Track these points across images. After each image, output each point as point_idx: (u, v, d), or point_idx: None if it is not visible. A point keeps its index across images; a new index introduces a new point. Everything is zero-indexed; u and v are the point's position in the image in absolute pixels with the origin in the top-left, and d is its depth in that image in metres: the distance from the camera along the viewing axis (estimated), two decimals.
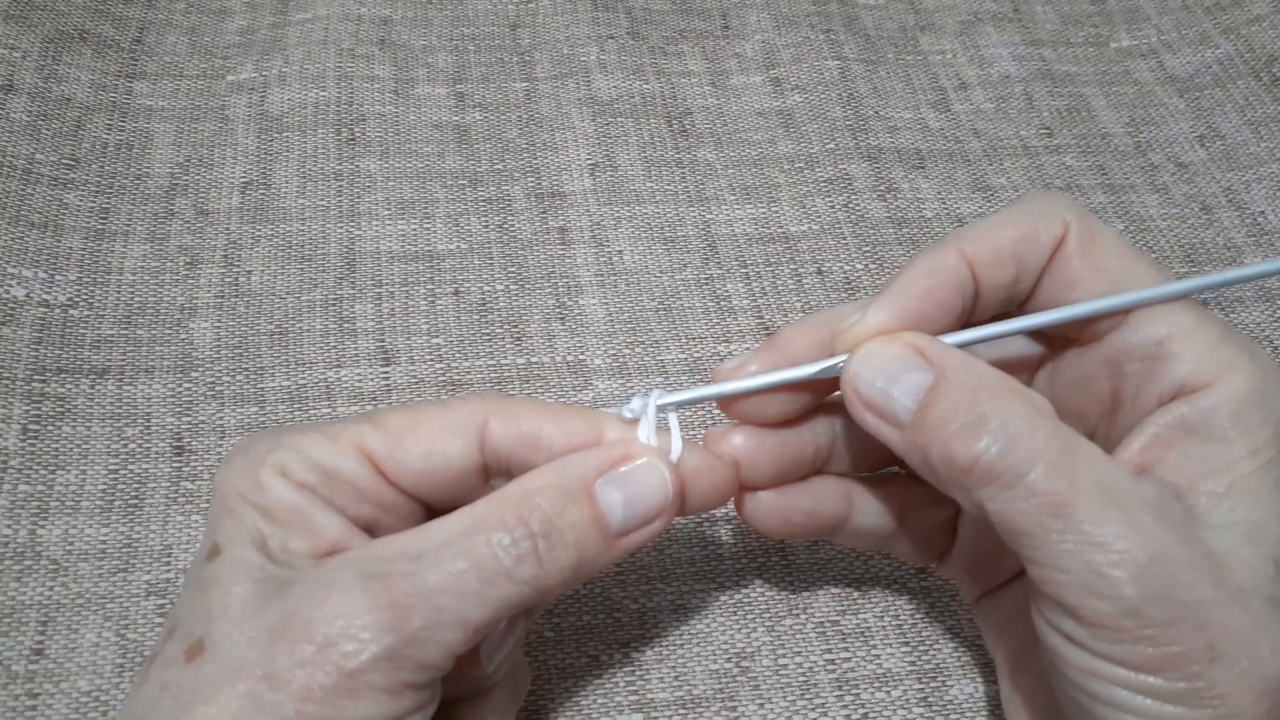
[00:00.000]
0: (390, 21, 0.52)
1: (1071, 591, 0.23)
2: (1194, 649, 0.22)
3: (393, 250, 0.43)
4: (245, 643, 0.23)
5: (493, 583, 0.23)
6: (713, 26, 0.54)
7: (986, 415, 0.24)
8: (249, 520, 0.25)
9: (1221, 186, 0.48)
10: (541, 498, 0.24)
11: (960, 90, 0.52)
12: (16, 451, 0.35)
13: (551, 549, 0.24)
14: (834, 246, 0.45)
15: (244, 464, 0.25)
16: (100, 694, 0.31)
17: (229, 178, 0.45)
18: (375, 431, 0.26)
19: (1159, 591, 0.22)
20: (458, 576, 0.23)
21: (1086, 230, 0.26)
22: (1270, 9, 0.53)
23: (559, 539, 0.24)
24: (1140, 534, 0.22)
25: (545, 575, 0.24)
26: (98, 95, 0.47)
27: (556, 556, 0.24)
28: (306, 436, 0.26)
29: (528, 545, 0.24)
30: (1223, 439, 0.24)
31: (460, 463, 0.26)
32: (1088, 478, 0.23)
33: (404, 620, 0.23)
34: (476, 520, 0.24)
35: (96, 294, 0.40)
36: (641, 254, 0.44)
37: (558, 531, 0.24)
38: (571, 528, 0.24)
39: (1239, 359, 0.25)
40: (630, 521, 0.25)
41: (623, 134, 0.48)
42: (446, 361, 0.40)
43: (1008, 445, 0.23)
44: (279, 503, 0.25)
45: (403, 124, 0.48)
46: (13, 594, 0.33)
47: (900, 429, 0.25)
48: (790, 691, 0.32)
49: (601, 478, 0.25)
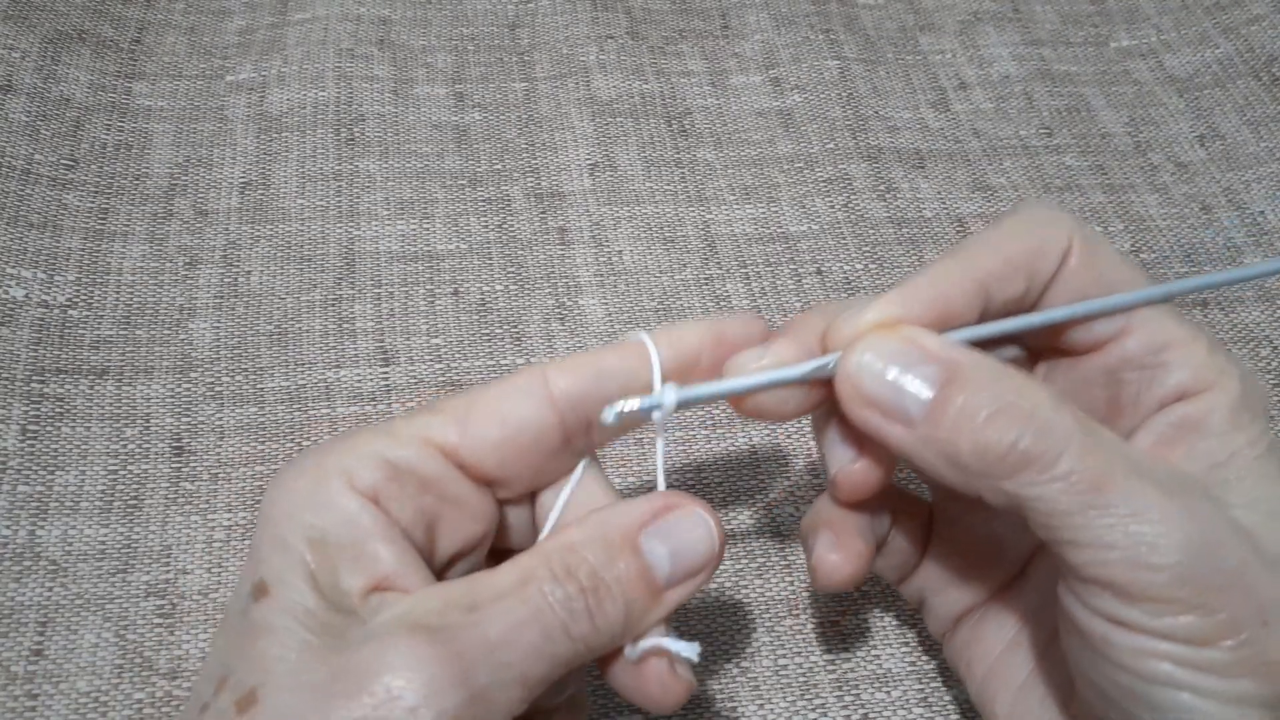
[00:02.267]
0: (389, 21, 0.52)
1: (1119, 568, 0.22)
2: (1247, 614, 0.22)
3: (392, 250, 0.43)
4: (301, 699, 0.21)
5: (552, 638, 0.23)
6: (712, 26, 0.54)
7: (1015, 403, 0.23)
8: (298, 553, 0.23)
9: (1221, 186, 0.48)
10: (587, 551, 0.24)
11: (960, 90, 0.52)
12: (16, 452, 0.35)
13: (600, 604, 0.23)
14: (834, 246, 0.45)
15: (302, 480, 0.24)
16: (99, 694, 0.31)
17: (228, 178, 0.45)
18: (438, 417, 0.25)
19: (1207, 558, 0.22)
20: (518, 629, 0.22)
21: (1089, 243, 0.27)
22: (1270, 9, 0.53)
23: (606, 594, 0.23)
24: (1180, 505, 0.23)
25: (596, 632, 0.23)
26: (97, 95, 0.47)
27: (605, 611, 0.23)
28: (363, 435, 0.25)
29: (580, 602, 0.23)
30: (1223, 433, 0.25)
31: (537, 421, 0.25)
32: (1119, 456, 0.23)
33: (469, 676, 0.22)
34: (524, 573, 0.23)
35: (96, 294, 0.40)
36: (641, 254, 0.44)
37: (605, 586, 0.23)
38: (618, 582, 0.24)
39: (1229, 366, 0.26)
40: (676, 575, 0.25)
41: (622, 134, 0.48)
42: (446, 362, 0.40)
43: (1041, 430, 0.23)
44: (335, 524, 0.23)
45: (402, 124, 0.48)
46: (12, 595, 0.33)
47: (910, 425, 0.24)
48: (790, 691, 0.32)
49: (645, 530, 0.24)
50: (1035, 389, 0.24)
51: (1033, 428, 0.23)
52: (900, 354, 0.24)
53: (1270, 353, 0.42)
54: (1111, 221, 0.47)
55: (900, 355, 0.24)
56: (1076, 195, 0.48)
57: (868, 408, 0.25)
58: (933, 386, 0.24)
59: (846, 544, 0.28)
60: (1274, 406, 0.40)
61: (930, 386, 0.24)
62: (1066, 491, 0.23)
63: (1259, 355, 0.42)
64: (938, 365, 0.24)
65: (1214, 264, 0.45)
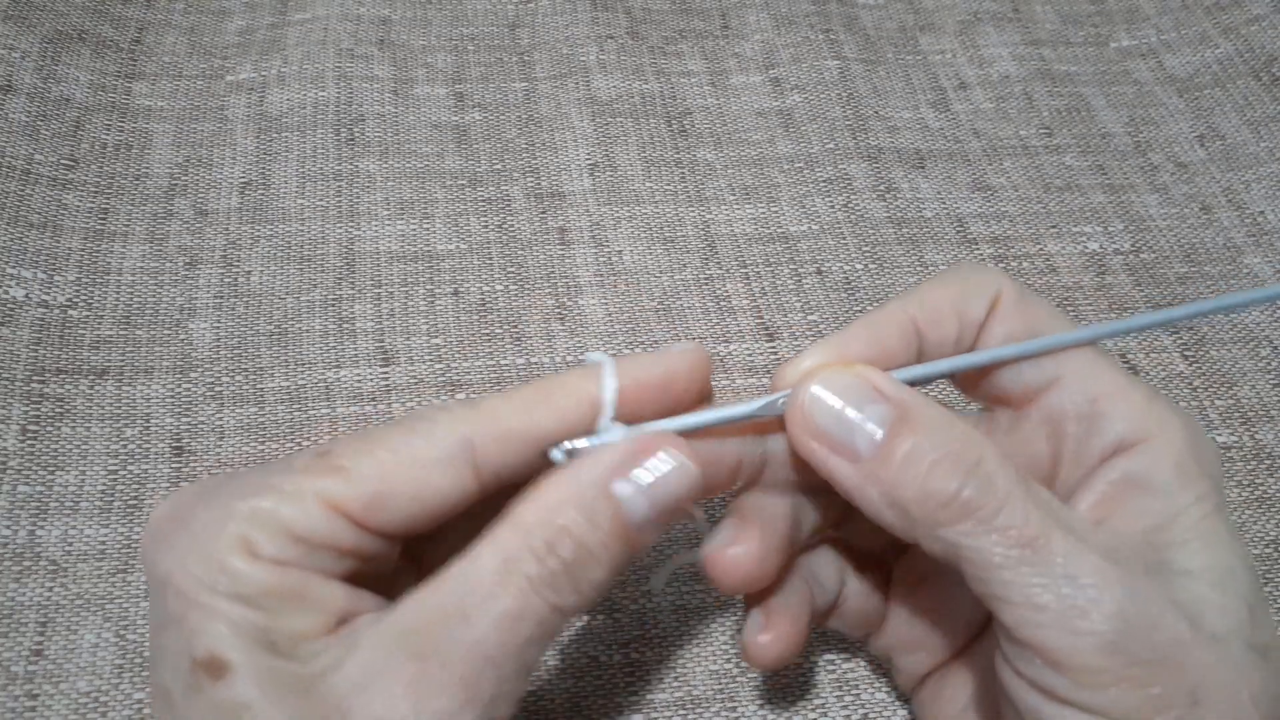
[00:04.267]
0: (389, 21, 0.52)
1: (1049, 631, 0.22)
2: (1177, 692, 0.22)
3: (392, 250, 0.43)
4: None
5: (544, 621, 0.22)
6: (712, 26, 0.54)
7: (961, 452, 0.23)
8: (236, 614, 0.21)
9: (1221, 186, 0.48)
10: (566, 518, 0.23)
11: (960, 90, 0.52)
12: (16, 452, 0.35)
13: (586, 572, 0.23)
14: (834, 246, 0.45)
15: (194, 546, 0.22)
16: (99, 695, 0.31)
17: (228, 178, 0.45)
18: (340, 481, 0.22)
19: (1138, 630, 0.22)
20: (511, 627, 0.22)
21: (1019, 292, 0.27)
22: (1270, 9, 0.53)
23: (592, 560, 0.23)
24: (1115, 572, 0.22)
25: (584, 600, 0.23)
26: (97, 95, 0.47)
27: (592, 579, 0.23)
28: (261, 499, 0.22)
29: (565, 578, 0.23)
30: (1167, 491, 0.24)
31: (454, 495, 0.23)
32: (1057, 517, 0.23)
33: (477, 690, 0.21)
34: (505, 558, 0.22)
35: (96, 294, 0.40)
36: (641, 254, 0.44)
37: (589, 553, 0.23)
38: (603, 545, 0.23)
39: (1169, 415, 0.25)
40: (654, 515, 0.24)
41: (622, 134, 0.48)
42: (446, 362, 0.40)
43: (984, 482, 0.23)
44: (261, 587, 0.21)
45: (402, 124, 0.48)
46: (12, 595, 0.33)
47: (856, 462, 0.24)
48: (790, 691, 0.32)
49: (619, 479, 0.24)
50: (980, 440, 0.24)
51: (976, 478, 0.23)
52: (853, 390, 0.24)
53: (1270, 353, 0.42)
54: (1111, 221, 0.47)
55: (853, 391, 0.24)
56: (1076, 195, 0.48)
57: (815, 440, 0.25)
58: (882, 425, 0.24)
59: (776, 624, 0.28)
60: (1273, 407, 0.40)
61: (880, 425, 0.24)
62: (1002, 544, 0.22)
63: (1259, 355, 0.42)
64: (888, 406, 0.24)
65: (1214, 264, 0.45)
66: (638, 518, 0.24)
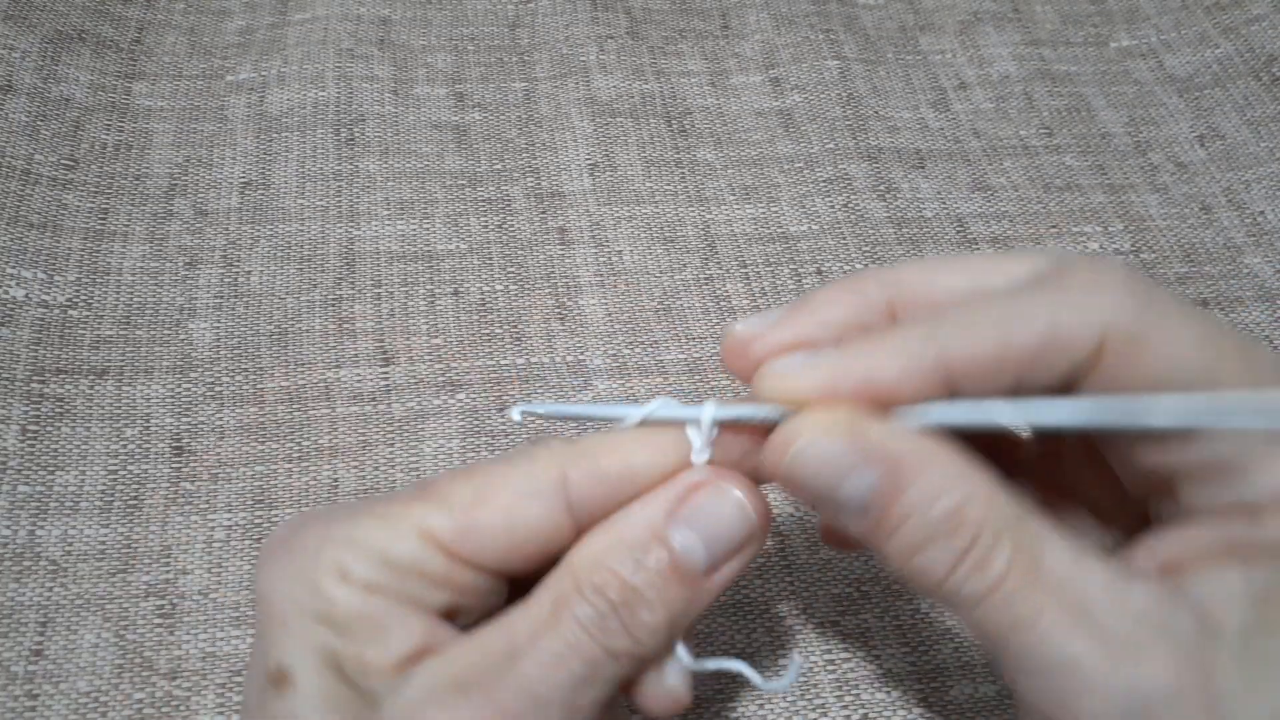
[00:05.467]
0: (389, 21, 0.52)
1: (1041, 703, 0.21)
2: None
3: (392, 250, 0.43)
4: None
5: (595, 662, 0.22)
6: (712, 26, 0.54)
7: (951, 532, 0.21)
8: (316, 637, 0.22)
9: (1221, 186, 0.48)
10: (612, 560, 0.22)
11: (960, 90, 0.52)
12: (15, 452, 0.35)
13: (635, 614, 0.22)
14: (834, 246, 0.45)
15: (294, 568, 0.22)
16: (99, 695, 0.31)
17: (228, 178, 0.45)
18: (438, 510, 0.23)
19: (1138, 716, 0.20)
20: (557, 665, 0.21)
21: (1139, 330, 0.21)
22: (1270, 9, 0.53)
23: (641, 602, 0.22)
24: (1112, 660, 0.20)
25: (639, 643, 0.22)
26: (97, 96, 0.47)
27: (643, 621, 0.22)
28: (359, 525, 0.23)
29: (614, 620, 0.22)
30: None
31: (547, 529, 0.23)
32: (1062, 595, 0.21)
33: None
34: (556, 599, 0.22)
35: (96, 294, 0.40)
36: (641, 254, 0.44)
37: (637, 594, 0.22)
38: (652, 587, 0.22)
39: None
40: (716, 559, 0.23)
41: (622, 134, 0.48)
42: (446, 362, 0.40)
43: (975, 564, 0.21)
44: (347, 611, 0.22)
45: (402, 124, 0.48)
46: (12, 595, 0.33)
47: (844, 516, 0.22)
48: (790, 691, 0.32)
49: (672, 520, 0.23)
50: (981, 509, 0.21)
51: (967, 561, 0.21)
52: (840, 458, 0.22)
53: (1270, 352, 0.42)
54: (1111, 221, 0.47)
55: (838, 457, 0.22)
56: (1076, 195, 0.48)
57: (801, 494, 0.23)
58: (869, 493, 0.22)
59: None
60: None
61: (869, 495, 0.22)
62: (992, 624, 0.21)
63: None
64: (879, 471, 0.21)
65: (1214, 264, 0.45)
66: (693, 559, 0.23)
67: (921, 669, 0.33)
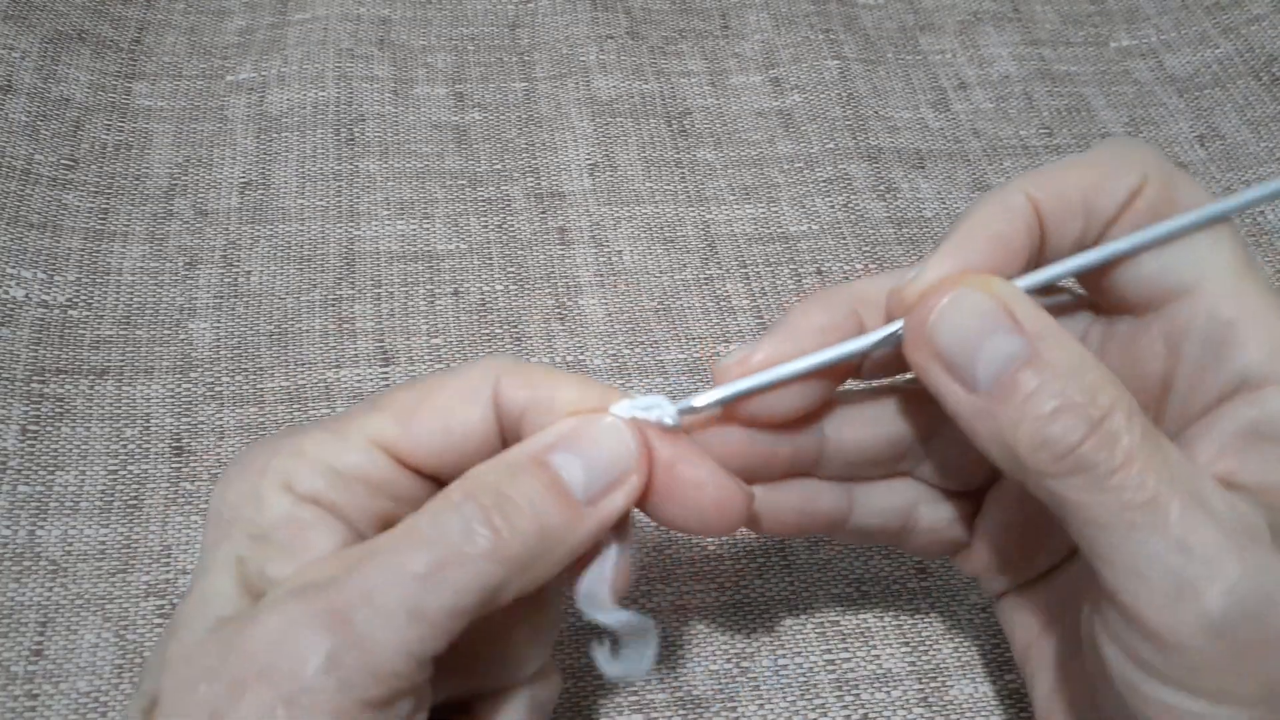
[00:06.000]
0: (389, 21, 0.52)
1: (1151, 603, 0.20)
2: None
3: (392, 250, 0.43)
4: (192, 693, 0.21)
5: (446, 564, 0.21)
6: (712, 26, 0.54)
7: (1086, 404, 0.21)
8: (233, 544, 0.23)
9: (1221, 186, 0.48)
10: (488, 473, 0.23)
11: (960, 90, 0.52)
12: (15, 452, 0.35)
13: (506, 516, 0.22)
14: (834, 246, 0.45)
15: (241, 477, 0.23)
16: (99, 695, 0.31)
17: (228, 178, 0.45)
18: (384, 416, 0.24)
19: (1255, 612, 0.20)
20: (402, 566, 0.21)
21: (1165, 184, 0.24)
22: (1270, 9, 0.53)
23: (513, 507, 0.22)
24: (1236, 548, 0.20)
25: (506, 544, 0.22)
26: (97, 96, 0.47)
27: (514, 524, 0.22)
28: (310, 437, 0.24)
29: (479, 517, 0.22)
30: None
31: (480, 430, 0.24)
32: (1181, 482, 0.21)
33: (342, 623, 0.20)
34: (424, 510, 0.22)
35: (95, 294, 0.40)
36: (641, 254, 0.44)
37: (510, 500, 0.22)
38: (524, 495, 0.22)
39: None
40: (595, 485, 0.23)
41: (622, 134, 0.48)
42: (446, 362, 0.40)
43: (1107, 438, 0.21)
44: (274, 521, 0.23)
45: (402, 124, 0.48)
46: (12, 595, 0.33)
47: (971, 390, 0.22)
48: (790, 691, 0.32)
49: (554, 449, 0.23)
50: (1111, 390, 0.22)
51: (1099, 434, 0.21)
52: (987, 315, 0.22)
53: None
54: None
55: (986, 316, 0.22)
56: None
57: (934, 360, 0.23)
58: (1010, 360, 0.22)
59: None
60: None
61: (1008, 360, 0.22)
62: (1114, 507, 0.21)
63: None
64: (1023, 340, 0.22)
65: None
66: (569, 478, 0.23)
67: (921, 669, 0.33)
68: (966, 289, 0.23)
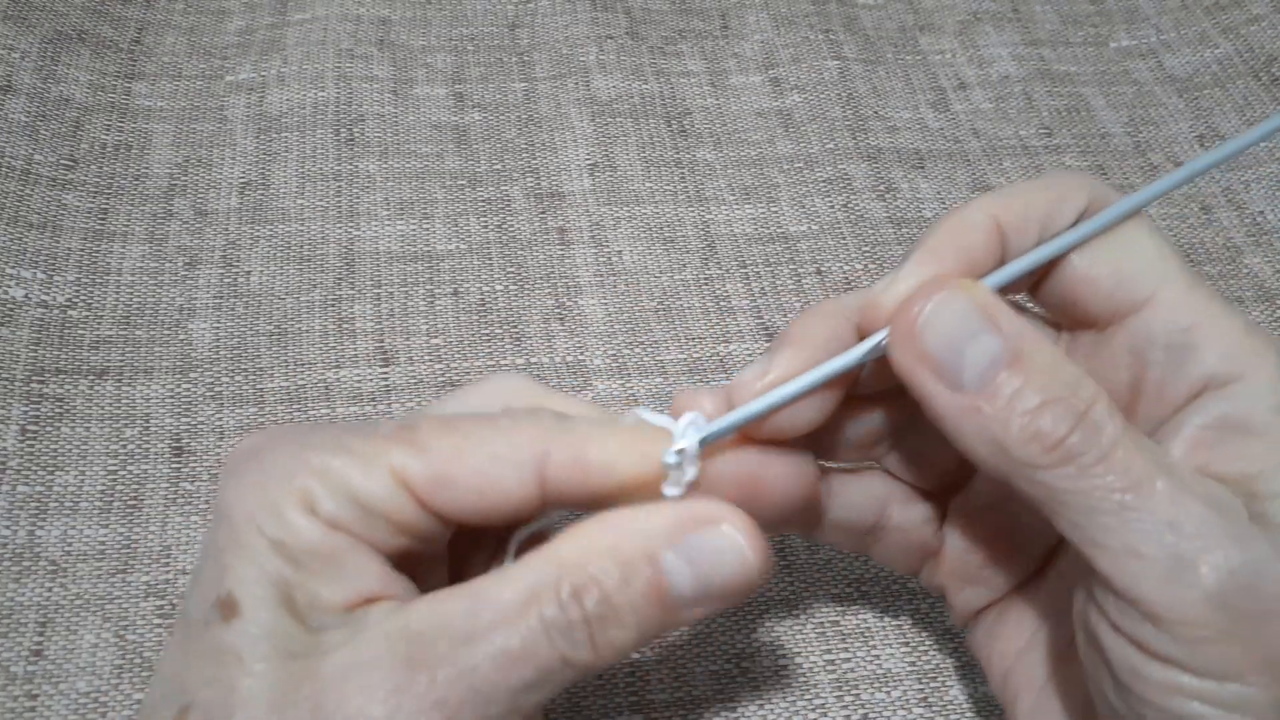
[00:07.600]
0: (389, 22, 0.52)
1: (1149, 582, 0.21)
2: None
3: (392, 251, 0.43)
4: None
5: (547, 669, 0.21)
6: (712, 26, 0.54)
7: (1071, 396, 0.22)
8: (270, 565, 0.22)
9: (1221, 186, 0.48)
10: (599, 570, 0.22)
11: (959, 90, 0.52)
12: (15, 452, 0.35)
13: (606, 631, 0.22)
14: (833, 246, 0.45)
15: (261, 489, 0.22)
16: (99, 695, 0.31)
17: (228, 178, 0.45)
18: (416, 457, 0.23)
19: (1246, 584, 0.21)
20: (511, 667, 0.21)
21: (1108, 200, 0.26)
22: (1270, 9, 0.53)
23: (615, 620, 0.22)
24: (1222, 522, 0.21)
25: (599, 660, 0.22)
26: (96, 96, 0.47)
27: (611, 640, 0.22)
28: (335, 458, 0.23)
29: (583, 632, 0.22)
30: (1267, 433, 0.23)
31: (517, 498, 0.23)
32: (1161, 464, 0.22)
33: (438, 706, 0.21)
34: (530, 593, 0.22)
35: (95, 295, 0.40)
36: (641, 254, 0.44)
37: (615, 612, 0.22)
38: (632, 608, 0.22)
39: (1267, 349, 0.24)
40: (698, 599, 0.23)
41: (622, 134, 0.48)
42: (445, 362, 0.40)
43: (1092, 428, 0.22)
44: (307, 545, 0.22)
45: (402, 124, 0.48)
46: (11, 595, 0.33)
47: (956, 390, 0.23)
48: (790, 691, 0.32)
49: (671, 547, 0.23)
50: (1089, 385, 0.23)
51: (1085, 424, 0.22)
52: (971, 318, 0.23)
53: None
54: None
55: (971, 320, 0.23)
56: None
57: (921, 362, 0.23)
58: (995, 359, 0.23)
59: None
60: None
61: (994, 359, 0.23)
62: (1104, 490, 0.21)
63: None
64: (1004, 340, 0.23)
65: (1214, 264, 0.45)
66: (679, 592, 0.23)
67: (921, 669, 0.33)
68: (950, 292, 0.23)
